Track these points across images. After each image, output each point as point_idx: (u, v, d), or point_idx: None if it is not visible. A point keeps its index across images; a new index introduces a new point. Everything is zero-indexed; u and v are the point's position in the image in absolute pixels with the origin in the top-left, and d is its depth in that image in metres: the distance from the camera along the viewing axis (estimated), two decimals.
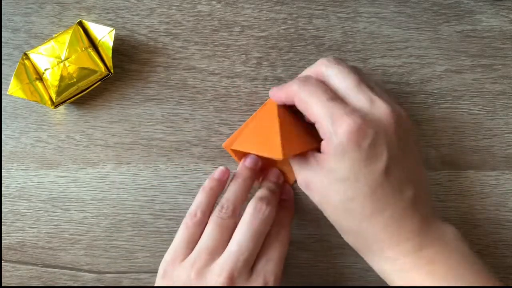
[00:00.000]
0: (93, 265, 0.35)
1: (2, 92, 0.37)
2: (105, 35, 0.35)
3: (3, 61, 0.37)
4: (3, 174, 0.36)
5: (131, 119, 0.37)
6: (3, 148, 0.36)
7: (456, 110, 0.37)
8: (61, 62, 0.34)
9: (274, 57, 0.37)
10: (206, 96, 0.37)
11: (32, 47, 0.36)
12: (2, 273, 0.35)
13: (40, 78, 0.35)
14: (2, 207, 0.36)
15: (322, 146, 0.28)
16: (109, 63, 0.35)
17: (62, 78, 0.34)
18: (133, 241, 0.35)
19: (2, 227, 0.35)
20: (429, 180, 0.36)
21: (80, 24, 0.35)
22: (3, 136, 0.36)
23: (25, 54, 0.35)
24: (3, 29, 0.37)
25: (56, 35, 0.35)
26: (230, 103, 0.37)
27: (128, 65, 0.37)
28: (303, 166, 0.30)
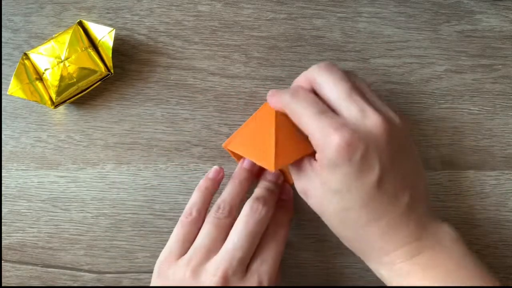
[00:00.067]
0: (93, 265, 0.35)
1: (2, 92, 0.37)
2: (105, 35, 0.35)
3: (3, 61, 0.37)
4: (3, 174, 0.36)
5: (131, 119, 0.37)
6: (3, 148, 0.36)
7: (456, 110, 0.37)
8: (61, 62, 0.34)
9: (274, 57, 0.37)
10: (206, 96, 0.37)
11: (32, 47, 0.36)
12: (2, 273, 0.35)
13: (40, 78, 0.35)
14: (2, 207, 0.36)
15: (316, 157, 0.28)
16: (109, 63, 0.35)
17: (62, 78, 0.34)
18: (133, 241, 0.35)
19: (2, 227, 0.35)
20: (429, 180, 0.36)
21: (80, 24, 0.35)
22: (3, 136, 0.36)
23: (25, 54, 0.35)
24: (3, 29, 0.37)
25: (56, 35, 0.35)
26: (230, 103, 0.37)
27: (128, 65, 0.37)
28: (301, 174, 0.30)
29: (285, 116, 0.32)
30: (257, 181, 0.34)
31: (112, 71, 0.35)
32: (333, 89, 0.28)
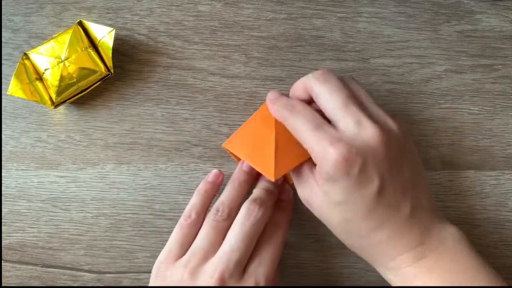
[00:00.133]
0: (93, 265, 0.35)
1: (2, 92, 0.37)
2: (105, 35, 0.35)
3: (3, 61, 0.37)
4: (3, 174, 0.36)
5: (131, 119, 0.37)
6: (3, 148, 0.36)
7: (456, 110, 0.37)
8: (61, 62, 0.34)
9: (274, 57, 0.37)
10: (206, 96, 0.37)
11: (32, 47, 0.36)
12: (2, 273, 0.35)
13: (40, 78, 0.35)
14: (2, 207, 0.36)
15: (316, 170, 0.29)
16: (109, 63, 0.35)
17: (62, 78, 0.34)
18: (133, 241, 0.35)
19: (2, 227, 0.35)
20: (429, 180, 0.36)
21: (80, 24, 0.35)
22: (3, 136, 0.36)
23: (25, 54, 0.35)
24: (3, 29, 0.37)
25: (56, 35, 0.35)
26: (230, 103, 0.37)
27: (128, 65, 0.37)
28: (303, 184, 0.30)
29: None
30: (257, 181, 0.34)
31: (112, 71, 0.35)
32: (329, 100, 0.28)
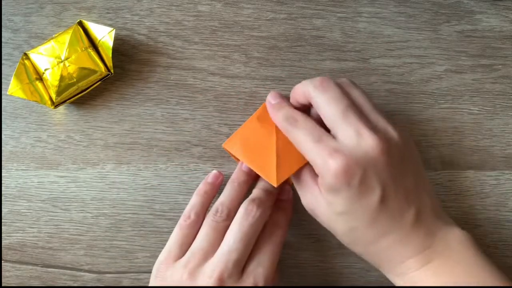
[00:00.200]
0: (93, 265, 0.35)
1: (2, 92, 0.37)
2: (105, 35, 0.35)
3: (3, 61, 0.37)
4: (3, 174, 0.36)
5: (131, 119, 0.37)
6: (3, 148, 0.36)
7: (456, 110, 0.37)
8: (61, 62, 0.34)
9: (274, 57, 0.37)
10: (206, 96, 0.37)
11: (32, 47, 0.36)
12: (2, 273, 0.35)
13: (40, 78, 0.35)
14: (2, 207, 0.36)
15: (318, 181, 0.29)
16: (109, 63, 0.35)
17: (62, 78, 0.34)
18: (133, 241, 0.35)
19: (2, 227, 0.35)
20: (429, 180, 0.36)
21: (80, 24, 0.35)
22: (3, 136, 0.36)
23: (25, 54, 0.35)
24: (3, 29, 0.37)
25: (56, 35, 0.35)
26: (230, 103, 0.37)
27: (128, 65, 0.37)
28: (307, 194, 0.30)
29: None
30: (256, 181, 0.34)
31: (112, 71, 0.35)
32: (328, 110, 0.28)
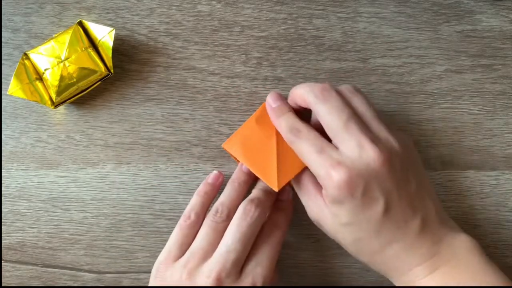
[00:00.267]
0: (93, 265, 0.35)
1: (2, 92, 0.37)
2: (105, 35, 0.35)
3: (3, 61, 0.37)
4: (3, 174, 0.36)
5: (131, 119, 0.37)
6: (3, 148, 0.36)
7: (456, 110, 0.37)
8: (61, 62, 0.34)
9: (274, 57, 0.37)
10: (206, 96, 0.37)
11: (32, 47, 0.36)
12: (2, 273, 0.35)
13: (40, 78, 0.35)
14: (2, 207, 0.36)
15: (323, 193, 0.29)
16: (109, 63, 0.35)
17: (62, 78, 0.34)
18: (133, 241, 0.35)
19: (2, 227, 0.35)
20: (429, 180, 0.36)
21: (80, 24, 0.35)
22: (3, 136, 0.36)
23: (25, 54, 0.35)
24: (3, 29, 0.37)
25: (56, 35, 0.35)
26: (230, 103, 0.37)
27: (128, 65, 0.37)
28: (312, 205, 0.30)
29: None
30: (256, 181, 0.34)
31: (112, 71, 0.35)
32: (329, 121, 0.28)
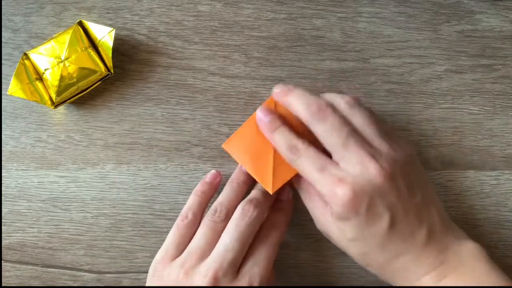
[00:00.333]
0: (93, 265, 0.35)
1: (2, 92, 0.37)
2: (105, 35, 0.35)
3: (3, 61, 0.37)
4: (3, 174, 0.36)
5: (131, 119, 0.37)
6: (3, 148, 0.36)
7: (456, 110, 0.37)
8: (61, 62, 0.34)
9: (274, 57, 0.37)
10: (206, 96, 0.37)
11: (32, 47, 0.36)
12: (2, 273, 0.35)
13: (40, 78, 0.35)
14: (2, 207, 0.36)
15: (328, 208, 0.29)
16: (109, 63, 0.35)
17: (62, 78, 0.34)
18: (133, 241, 0.35)
19: (2, 227, 0.35)
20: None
21: (80, 24, 0.35)
22: (3, 136, 0.36)
23: (25, 54, 0.35)
24: (3, 29, 0.37)
25: (56, 35, 0.35)
26: (230, 103, 0.37)
27: (128, 65, 0.37)
28: (321, 219, 0.30)
29: (286, 119, 0.32)
30: (256, 182, 0.34)
31: (112, 71, 0.35)
32: (328, 140, 0.28)
